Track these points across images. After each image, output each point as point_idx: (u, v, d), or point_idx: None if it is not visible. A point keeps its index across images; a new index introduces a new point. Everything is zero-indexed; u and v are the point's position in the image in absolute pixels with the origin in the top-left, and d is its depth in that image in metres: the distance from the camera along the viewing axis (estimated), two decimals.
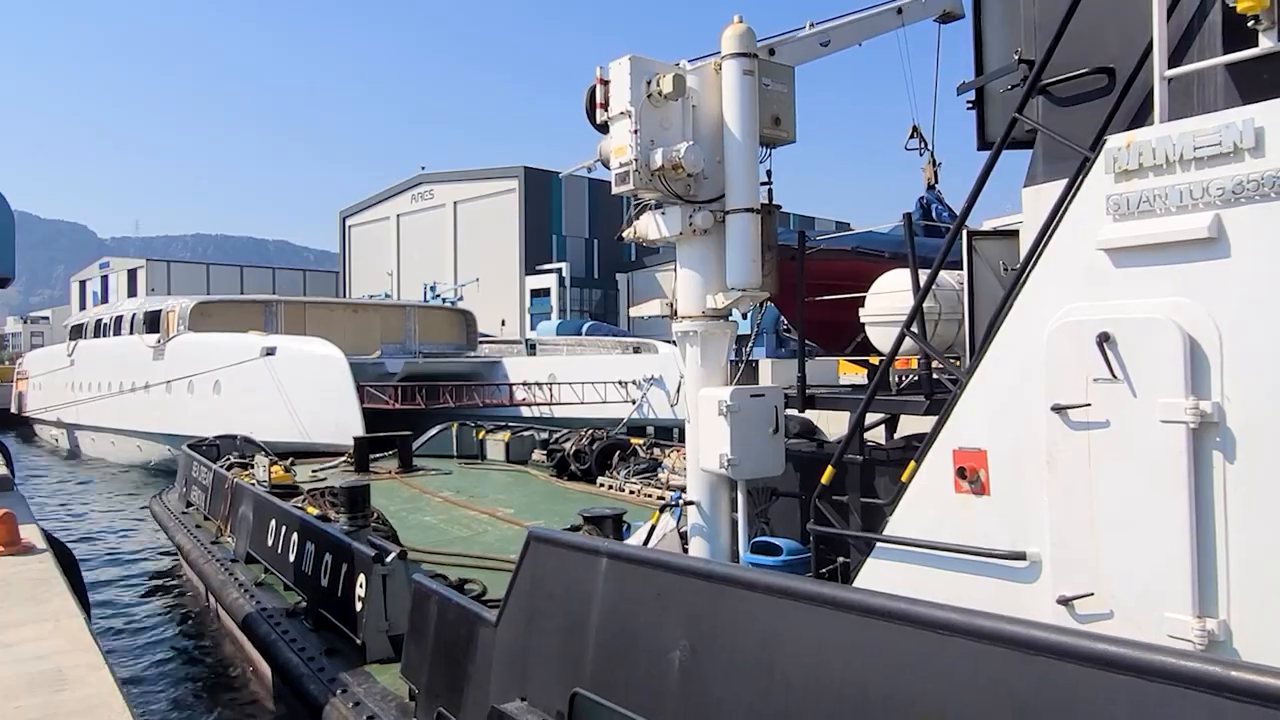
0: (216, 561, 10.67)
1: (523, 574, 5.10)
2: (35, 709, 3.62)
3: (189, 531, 12.69)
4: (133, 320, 33.68)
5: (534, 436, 18.42)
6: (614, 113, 6.24)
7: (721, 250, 6.32)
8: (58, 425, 38.44)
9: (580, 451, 15.25)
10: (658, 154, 6.04)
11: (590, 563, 4.56)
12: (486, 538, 10.97)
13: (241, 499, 11.16)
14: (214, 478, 13.04)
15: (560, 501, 13.39)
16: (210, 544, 11.53)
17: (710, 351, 6.47)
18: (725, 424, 5.96)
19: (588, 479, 14.87)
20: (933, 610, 3.15)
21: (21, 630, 4.58)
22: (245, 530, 10.56)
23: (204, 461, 14.29)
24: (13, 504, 7.41)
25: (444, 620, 5.83)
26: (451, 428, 19.36)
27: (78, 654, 4.26)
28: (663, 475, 13.59)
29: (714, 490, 6.40)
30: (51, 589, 5.40)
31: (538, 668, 4.78)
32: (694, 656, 3.85)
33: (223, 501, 11.97)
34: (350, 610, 7.16)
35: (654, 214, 6.57)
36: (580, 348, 36.03)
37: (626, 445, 15.48)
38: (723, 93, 6.24)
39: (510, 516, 12.21)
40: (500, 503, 13.22)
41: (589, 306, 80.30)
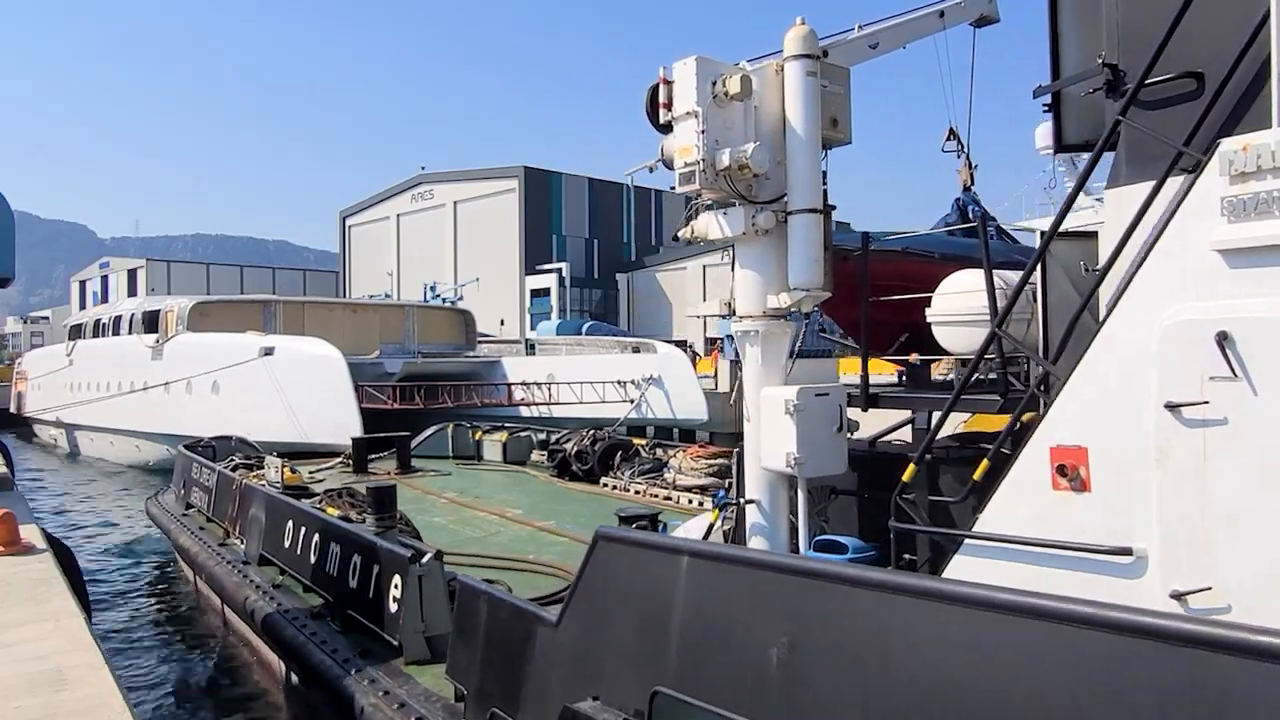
0: (228, 564, 10.54)
1: (589, 573, 5.05)
2: (35, 709, 3.61)
3: (193, 534, 12.52)
4: (131, 320, 33.58)
5: (531, 437, 18.32)
6: (679, 113, 6.26)
7: (782, 250, 6.35)
8: (57, 425, 38.38)
9: (582, 452, 15.12)
10: (724, 154, 6.07)
11: (670, 561, 4.55)
12: (500, 538, 10.89)
13: (251, 501, 11.01)
14: (218, 479, 12.86)
15: (566, 502, 13.31)
16: (218, 546, 11.40)
17: (771, 351, 6.49)
18: (791, 423, 5.97)
19: (590, 479, 14.73)
20: (1070, 605, 3.13)
21: (21, 630, 4.57)
22: (257, 532, 10.44)
23: (206, 463, 14.11)
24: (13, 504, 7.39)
25: (496, 620, 5.79)
26: (447, 428, 19.25)
27: (78, 654, 4.25)
28: (669, 475, 13.46)
29: (773, 489, 6.42)
30: (51, 589, 5.39)
31: (611, 667, 4.75)
32: (795, 652, 3.85)
33: (230, 503, 11.81)
34: (383, 611, 7.09)
35: (715, 214, 6.58)
36: (580, 347, 36.03)
37: (629, 446, 15.35)
38: (785, 94, 6.28)
39: (519, 517, 12.12)
40: (506, 503, 13.12)
41: (589, 306, 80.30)
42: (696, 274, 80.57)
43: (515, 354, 38.75)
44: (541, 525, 11.42)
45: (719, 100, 6.12)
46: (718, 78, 6.14)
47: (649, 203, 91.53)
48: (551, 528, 11.28)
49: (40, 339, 76.71)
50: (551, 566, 9.02)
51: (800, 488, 6.27)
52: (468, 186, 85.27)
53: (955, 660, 3.40)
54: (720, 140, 6.14)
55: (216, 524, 12.43)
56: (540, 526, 11.37)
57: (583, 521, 11.37)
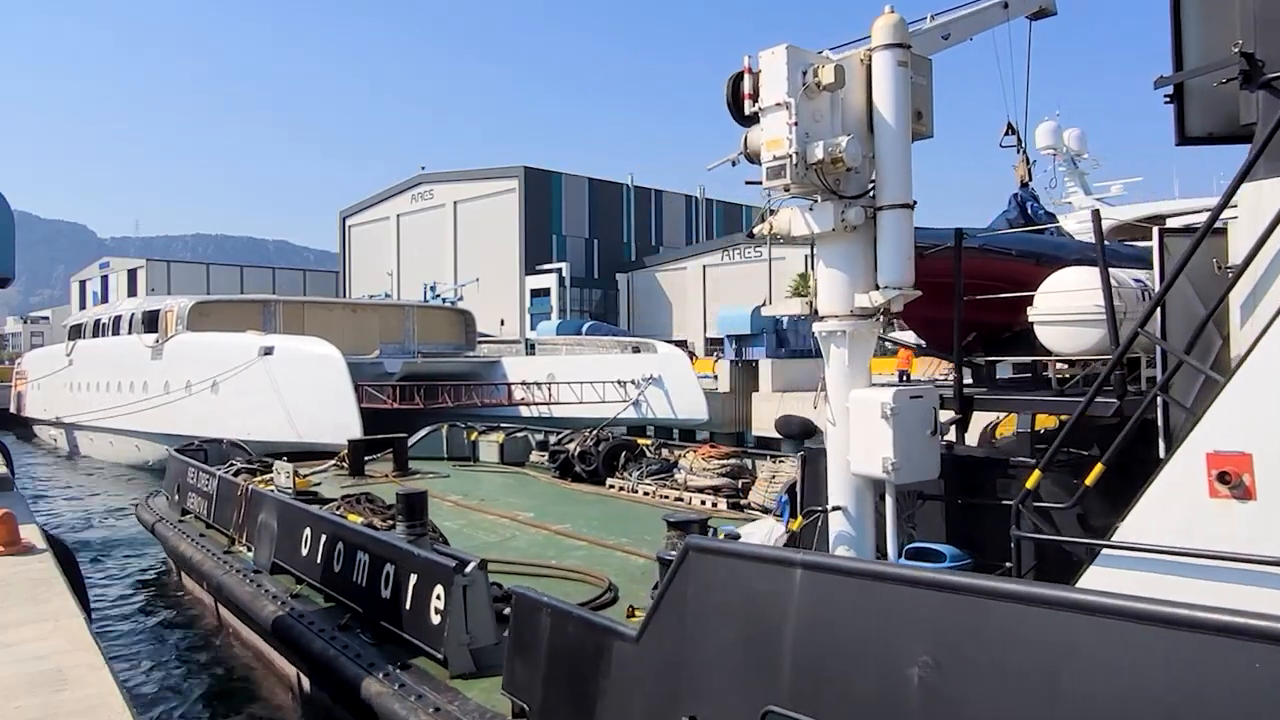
0: (237, 573, 10.10)
1: (677, 585, 4.78)
2: (35, 709, 3.60)
3: (193, 540, 12.05)
4: (131, 320, 33.38)
5: (529, 438, 17.93)
6: (767, 104, 5.97)
7: (868, 247, 6.14)
8: (56, 425, 38.30)
9: (586, 453, 14.80)
10: (817, 147, 5.81)
11: (780, 574, 4.31)
12: (516, 543, 10.54)
13: (260, 507, 10.58)
14: (219, 484, 12.39)
15: (575, 504, 13.00)
16: (223, 554, 10.96)
17: (858, 352, 6.24)
18: (887, 427, 5.75)
19: (594, 481, 14.38)
20: None
21: (21, 630, 4.56)
22: (268, 539, 10.02)
23: (204, 468, 13.61)
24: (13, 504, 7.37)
25: (561, 634, 5.52)
26: (442, 429, 18.83)
27: (78, 654, 4.23)
28: (679, 476, 13.18)
29: (860, 495, 6.21)
30: (51, 589, 5.38)
31: (709, 685, 4.52)
32: (941, 672, 3.64)
33: (235, 510, 11.36)
34: (423, 623, 6.81)
35: (799, 210, 6.31)
36: (580, 347, 36.01)
37: (634, 446, 15.01)
38: (874, 84, 6.06)
39: (531, 520, 11.76)
40: (513, 506, 12.75)
41: (589, 306, 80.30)
42: (696, 274, 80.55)
43: (515, 354, 38.72)
44: (557, 529, 11.14)
45: (809, 91, 5.86)
46: (808, 68, 5.89)
47: (649, 203, 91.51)
48: (568, 531, 11.02)
49: (40, 339, 76.61)
50: (579, 572, 8.75)
51: (889, 494, 6.05)
52: (468, 186, 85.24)
53: (1153, 685, 3.14)
54: (810, 133, 5.86)
55: (219, 531, 11.99)
56: (556, 530, 11.08)
57: (597, 525, 11.16)
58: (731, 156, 6.47)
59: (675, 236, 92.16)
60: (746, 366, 31.19)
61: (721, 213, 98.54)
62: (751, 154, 6.23)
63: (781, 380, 30.54)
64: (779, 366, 30.85)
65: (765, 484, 11.65)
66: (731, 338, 32.18)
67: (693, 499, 12.45)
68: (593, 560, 9.36)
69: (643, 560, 9.14)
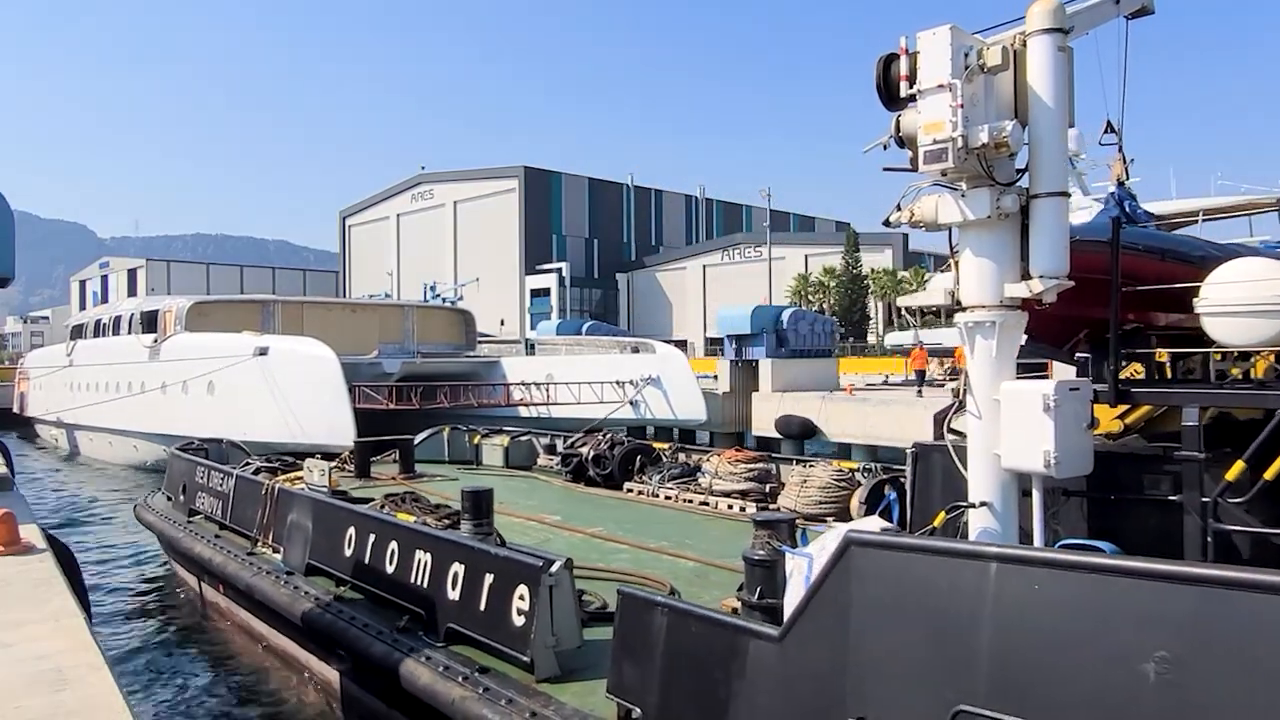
0: (267, 574, 9.72)
1: (834, 582, 4.58)
2: (35, 709, 3.60)
3: (209, 542, 11.58)
4: (130, 320, 33.17)
5: (534, 441, 17.48)
6: (926, 86, 5.80)
7: (1017, 236, 6.01)
8: (57, 425, 38.27)
9: (600, 456, 14.31)
10: (983, 131, 5.65)
11: (969, 568, 4.11)
12: (555, 546, 10.04)
13: (291, 506, 10.20)
14: (238, 483, 11.95)
15: (598, 508, 12.65)
16: (246, 555, 10.56)
17: (1006, 343, 6.06)
18: (1049, 420, 5.60)
19: (609, 485, 13.97)
20: None
21: (21, 630, 4.57)
22: (302, 540, 9.66)
23: (217, 467, 13.15)
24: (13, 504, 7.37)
25: (682, 634, 5.33)
26: (443, 431, 18.34)
27: (78, 654, 4.23)
28: (704, 480, 12.80)
29: (1006, 491, 6.04)
30: (51, 589, 5.38)
31: (884, 686, 4.32)
32: (1183, 669, 3.44)
33: (259, 509, 10.98)
34: (505, 626, 6.51)
35: (949, 196, 6.10)
36: (579, 347, 35.96)
37: (650, 450, 14.61)
38: (1031, 70, 5.95)
39: (561, 523, 11.38)
40: (535, 509, 12.36)
41: (589, 306, 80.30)
42: (696, 274, 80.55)
43: (515, 354, 38.69)
44: (591, 532, 10.79)
45: (971, 73, 5.71)
46: (969, 50, 5.76)
47: (649, 203, 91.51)
48: (603, 534, 10.66)
49: (40, 339, 76.57)
50: (637, 575, 8.41)
51: (1036, 489, 5.88)
52: (468, 186, 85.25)
53: None
54: (969, 117, 5.69)
55: (236, 532, 11.53)
56: (591, 533, 10.74)
57: (631, 528, 10.84)
58: (883, 140, 6.22)
59: (675, 236, 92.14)
60: (746, 366, 31.20)
61: (721, 212, 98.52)
62: (906, 138, 6.00)
63: (781, 380, 30.50)
64: (779, 366, 30.81)
65: (796, 489, 11.33)
66: (731, 337, 32.13)
67: (718, 503, 12.17)
68: (639, 563, 9.09)
69: (691, 563, 9.01)
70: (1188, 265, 6.59)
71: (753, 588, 5.92)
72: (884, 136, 6.15)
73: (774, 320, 32.33)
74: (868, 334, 67.08)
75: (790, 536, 6.48)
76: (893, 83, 6.01)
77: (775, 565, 5.77)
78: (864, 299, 68.48)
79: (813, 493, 11.09)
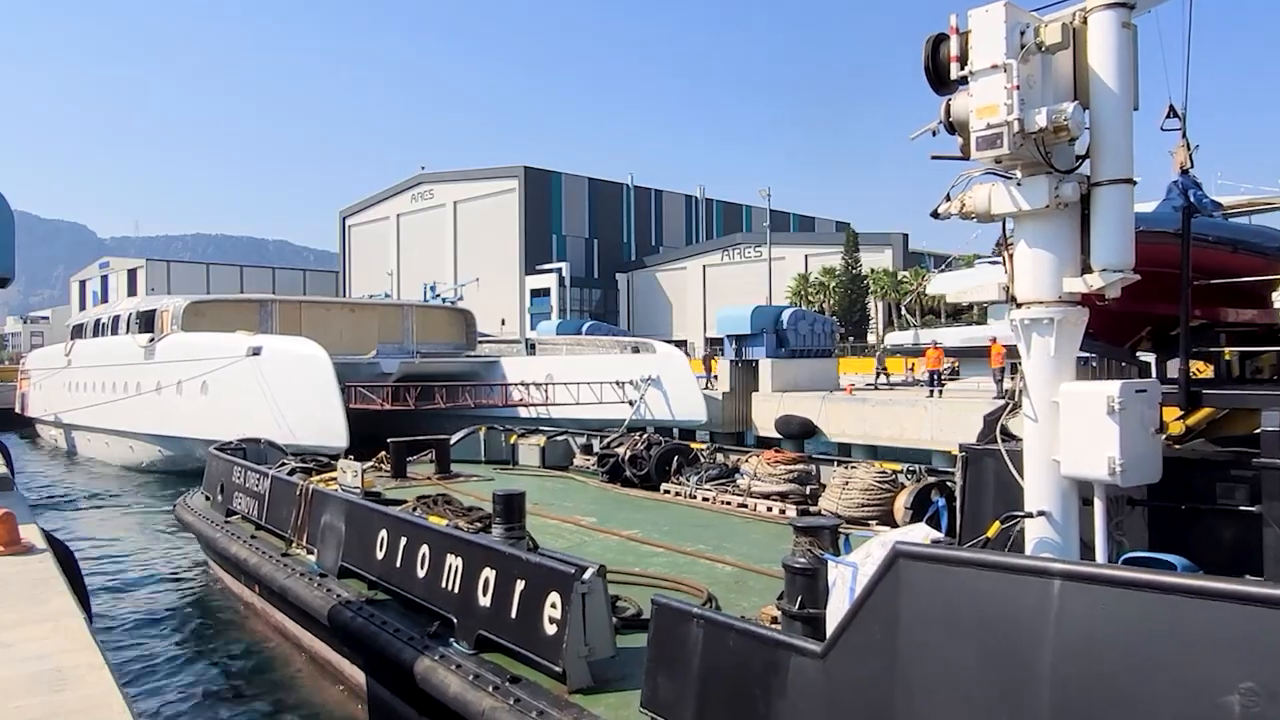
0: (301, 576, 9.64)
1: (881, 596, 4.33)
2: (35, 709, 3.60)
3: (246, 543, 11.52)
4: (129, 320, 32.95)
5: (570, 441, 17.43)
6: (979, 66, 5.42)
7: (1076, 227, 5.61)
8: (56, 426, 38.17)
9: (637, 457, 14.19)
10: (1040, 114, 5.25)
11: (1030, 585, 3.83)
12: (590, 549, 9.92)
13: (325, 507, 10.11)
14: (273, 484, 11.87)
15: (635, 509, 12.49)
16: (281, 556, 10.50)
17: (1065, 341, 5.62)
18: (1114, 424, 5.20)
19: (646, 485, 13.83)
20: None
21: (21, 630, 4.57)
22: (334, 542, 9.55)
23: (254, 467, 13.03)
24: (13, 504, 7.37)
25: (719, 647, 5.11)
26: (479, 431, 18.31)
27: (78, 654, 4.23)
28: (742, 482, 12.61)
29: (1065, 500, 5.62)
30: (51, 589, 5.38)
31: (936, 707, 4.11)
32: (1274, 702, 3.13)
33: (294, 510, 10.89)
34: (537, 634, 6.34)
35: (1001, 184, 5.72)
36: (579, 347, 35.92)
37: (687, 450, 14.47)
38: (1092, 48, 5.55)
39: (596, 525, 11.22)
40: (571, 510, 12.21)
41: (589, 306, 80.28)
42: (696, 274, 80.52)
43: (516, 354, 38.59)
44: (627, 534, 10.61)
45: (1027, 53, 5.34)
46: (1025, 27, 5.39)
47: (649, 203, 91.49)
48: (639, 536, 10.47)
49: (40, 339, 76.54)
50: (673, 581, 8.25)
51: (1099, 498, 5.48)
52: (468, 186, 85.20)
53: None
54: (1025, 99, 5.30)
55: (272, 532, 11.45)
56: (626, 536, 10.56)
57: (667, 531, 10.70)
58: (931, 126, 5.82)
59: (675, 236, 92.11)
60: (746, 366, 31.20)
61: (721, 212, 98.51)
62: (955, 123, 5.61)
63: (781, 380, 30.48)
64: (779, 366, 30.80)
65: (838, 491, 11.07)
66: (731, 338, 32.13)
67: (757, 505, 11.97)
68: (676, 568, 8.93)
69: (730, 568, 8.85)
70: (1263, 258, 6.22)
71: (793, 597, 5.73)
72: (932, 122, 5.76)
73: (774, 320, 32.33)
74: (868, 334, 67.09)
75: (832, 543, 6.25)
76: (942, 64, 5.63)
77: (817, 574, 5.59)
78: (864, 299, 68.48)
79: (855, 495, 10.76)
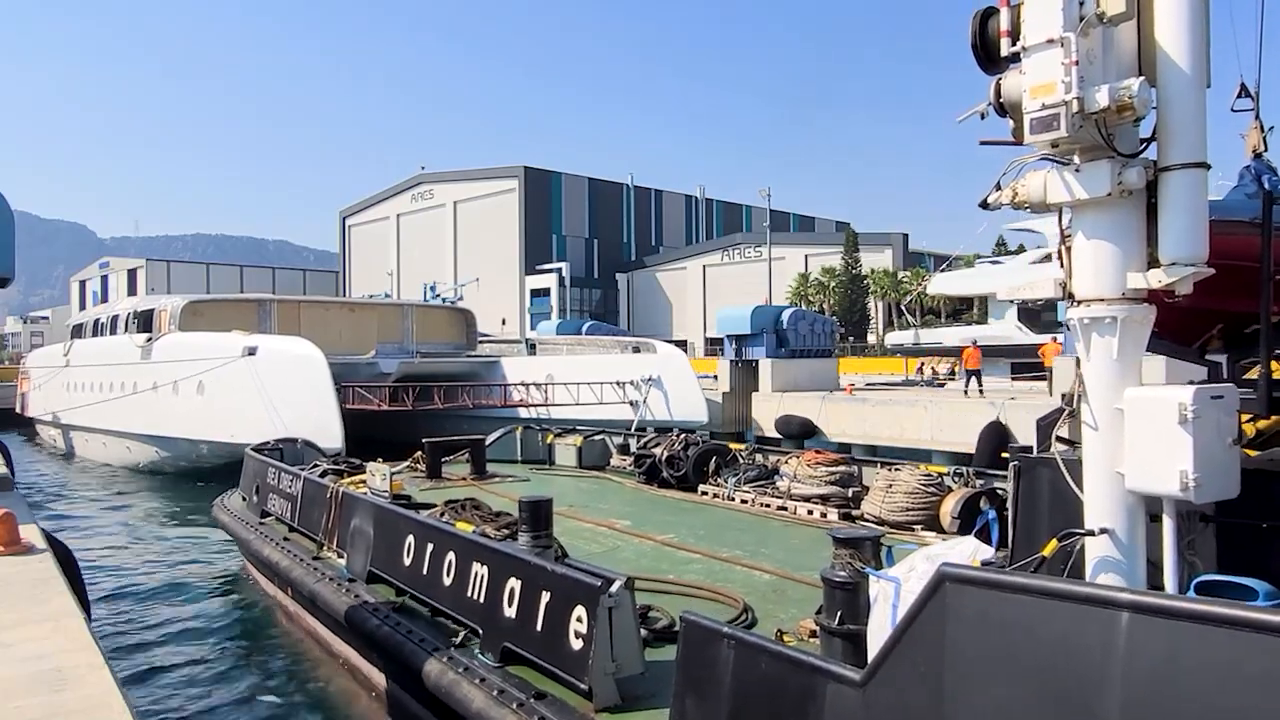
0: (329, 580, 9.54)
1: (926, 622, 4.03)
2: (35, 709, 3.59)
3: (279, 545, 11.44)
4: (127, 320, 32.63)
5: (607, 440, 17.32)
6: (1033, 41, 4.93)
7: (1142, 217, 5.12)
8: (55, 426, 38.14)
9: (674, 457, 14.06)
10: (1102, 92, 4.74)
11: (1092, 617, 3.44)
12: (623, 554, 9.68)
13: (355, 511, 9.99)
14: (305, 486, 11.72)
15: (671, 512, 12.27)
16: (311, 560, 10.40)
17: (1130, 342, 5.10)
18: (1185, 434, 4.72)
19: (684, 486, 13.70)
20: None
21: (21, 630, 4.56)
22: (363, 546, 9.42)
23: (287, 468, 12.86)
24: (13, 504, 7.37)
25: (751, 669, 4.82)
26: (516, 430, 18.24)
27: (78, 654, 4.23)
28: (782, 484, 12.31)
29: (1131, 516, 5.11)
30: (51, 589, 5.37)
31: None
32: None
33: (325, 513, 10.78)
34: (562, 648, 6.15)
35: (1057, 171, 5.23)
36: (580, 347, 35.86)
37: (726, 451, 14.27)
38: (1161, 18, 5.08)
39: (630, 529, 10.98)
40: (606, 513, 11.99)
41: (589, 306, 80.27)
42: (696, 274, 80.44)
43: (518, 354, 38.48)
44: (662, 539, 10.38)
45: (1086, 25, 4.85)
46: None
47: (649, 203, 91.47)
48: (674, 541, 10.23)
49: (40, 339, 76.47)
50: (708, 590, 8.02)
51: (1168, 514, 4.97)
52: (468, 186, 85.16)
53: None
54: (1085, 76, 4.80)
55: (304, 535, 11.37)
56: (661, 540, 10.33)
57: (704, 535, 10.50)
58: (979, 108, 5.38)
59: (675, 236, 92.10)
60: (746, 366, 31.20)
61: (721, 212, 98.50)
62: (1007, 104, 5.14)
63: (781, 380, 30.45)
64: (779, 366, 30.75)
65: (881, 494, 10.77)
66: (731, 338, 32.12)
67: (798, 508, 11.72)
68: (712, 575, 8.68)
69: (768, 576, 8.61)
70: None
71: (832, 611, 5.46)
72: (981, 104, 5.28)
73: (774, 320, 32.28)
74: (868, 334, 67.12)
75: (874, 555, 5.87)
76: (991, 40, 5.15)
77: (858, 588, 5.30)
78: (864, 299, 68.50)
79: (899, 499, 10.40)
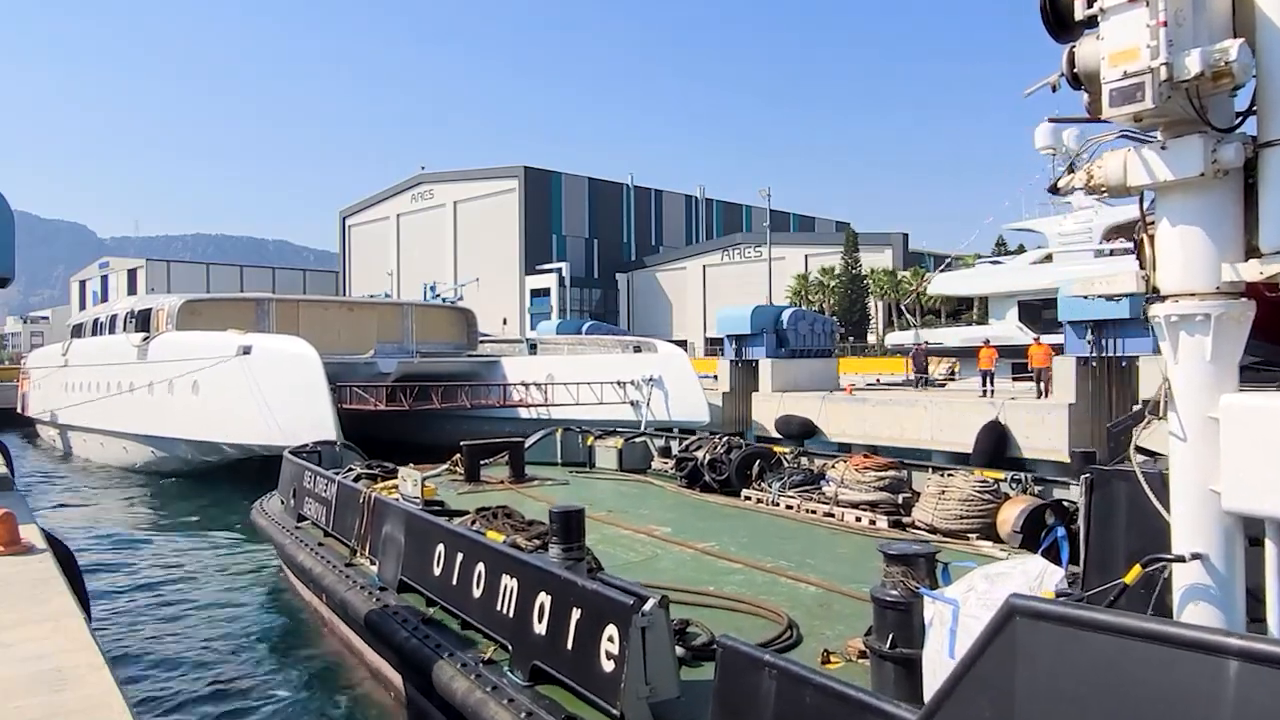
0: (360, 588, 9.35)
1: (993, 659, 3.58)
2: (35, 709, 3.60)
3: (311, 550, 11.25)
4: (125, 319, 32.51)
5: (649, 443, 17.08)
6: (1113, 2, 4.27)
7: (1240, 199, 4.42)
8: (53, 425, 37.91)
9: (716, 461, 13.79)
10: (1193, 56, 4.08)
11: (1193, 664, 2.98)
12: (661, 564, 9.33)
13: (386, 517, 9.79)
14: (339, 491, 11.50)
15: (713, 518, 11.94)
16: (344, 566, 10.21)
17: (1225, 343, 4.42)
18: None
19: (726, 491, 13.38)
20: None
21: (21, 630, 4.56)
22: (395, 554, 9.21)
23: (322, 472, 12.60)
24: (13, 504, 7.37)
25: (795, 704, 4.45)
26: (556, 432, 18.07)
27: (78, 654, 4.23)
28: (829, 489, 11.89)
29: (1228, 540, 4.49)
30: (51, 589, 5.38)
31: None
32: None
33: (357, 519, 10.61)
34: (593, 669, 5.83)
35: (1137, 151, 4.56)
36: (581, 347, 35.79)
37: (769, 454, 13.93)
38: None
39: (670, 536, 10.60)
40: (646, 519, 11.64)
41: (589, 306, 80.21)
42: (696, 274, 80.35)
43: (518, 353, 38.32)
44: (703, 548, 10.02)
45: None
46: None
47: (649, 203, 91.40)
48: (715, 550, 9.84)
49: (40, 339, 76.37)
50: (750, 604, 7.63)
51: (1272, 539, 4.34)
52: (468, 186, 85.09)
53: None
54: (1174, 39, 4.14)
55: (338, 540, 11.20)
56: (702, 549, 9.97)
57: (746, 543, 10.13)
58: (1051, 79, 4.75)
59: (675, 236, 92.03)
60: (746, 366, 31.19)
61: (721, 212, 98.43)
62: (1082, 74, 4.49)
63: (781, 380, 30.43)
64: (779, 366, 30.72)
65: (933, 501, 10.35)
66: (731, 338, 32.10)
67: (845, 514, 11.35)
68: (754, 587, 8.23)
69: (814, 589, 8.19)
70: None
71: (883, 634, 5.06)
72: (1052, 75, 4.67)
73: (774, 320, 32.25)
74: (868, 334, 67.10)
75: (929, 574, 5.40)
76: (1063, 3, 4.53)
77: (911, 609, 4.91)
78: (864, 299, 68.47)
79: (952, 506, 9.95)
